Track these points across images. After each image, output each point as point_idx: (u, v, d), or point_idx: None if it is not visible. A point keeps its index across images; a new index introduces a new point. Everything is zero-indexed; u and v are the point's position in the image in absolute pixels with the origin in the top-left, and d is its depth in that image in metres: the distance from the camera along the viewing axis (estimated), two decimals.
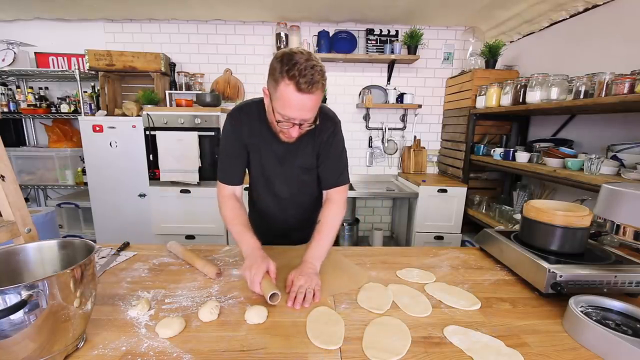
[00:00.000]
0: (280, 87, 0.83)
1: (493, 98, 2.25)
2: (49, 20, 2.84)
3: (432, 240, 2.62)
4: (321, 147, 1.08)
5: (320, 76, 0.83)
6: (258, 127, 1.05)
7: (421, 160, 3.07)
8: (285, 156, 1.08)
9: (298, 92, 0.81)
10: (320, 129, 1.03)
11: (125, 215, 2.65)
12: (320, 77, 0.83)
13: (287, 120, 0.88)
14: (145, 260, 1.04)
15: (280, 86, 0.83)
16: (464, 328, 0.70)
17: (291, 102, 0.84)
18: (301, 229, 1.19)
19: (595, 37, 1.94)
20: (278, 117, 0.89)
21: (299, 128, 0.91)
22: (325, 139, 1.06)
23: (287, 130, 0.92)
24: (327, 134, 1.06)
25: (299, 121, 0.89)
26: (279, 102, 0.86)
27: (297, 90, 0.81)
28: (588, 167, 1.56)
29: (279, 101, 0.86)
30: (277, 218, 1.20)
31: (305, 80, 0.80)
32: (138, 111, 2.57)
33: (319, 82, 0.83)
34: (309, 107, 0.86)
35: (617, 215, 0.77)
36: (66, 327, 0.56)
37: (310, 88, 0.81)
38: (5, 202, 0.82)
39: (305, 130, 0.93)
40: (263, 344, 0.65)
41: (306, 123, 0.90)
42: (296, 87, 0.81)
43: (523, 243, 0.97)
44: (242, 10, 2.64)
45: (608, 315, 0.71)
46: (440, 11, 2.60)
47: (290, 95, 0.82)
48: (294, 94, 0.82)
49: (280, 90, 0.83)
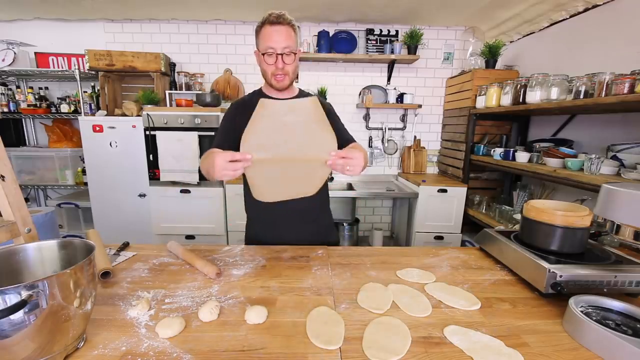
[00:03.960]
0: (260, 32, 1.10)
1: (493, 98, 2.25)
2: (49, 20, 2.84)
3: (432, 240, 2.62)
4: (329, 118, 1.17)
5: (287, 15, 1.08)
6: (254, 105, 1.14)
7: (421, 160, 3.07)
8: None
9: (270, 25, 1.07)
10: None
11: (125, 215, 2.65)
12: (288, 17, 1.08)
13: (270, 54, 1.08)
14: (145, 260, 1.04)
15: (260, 32, 1.10)
16: (464, 328, 0.70)
17: (268, 33, 1.07)
18: (305, 222, 1.24)
19: (595, 37, 1.94)
20: (264, 53, 1.09)
21: (282, 60, 1.09)
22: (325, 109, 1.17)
23: (274, 66, 1.10)
24: (323, 105, 1.17)
25: (280, 50, 1.08)
26: (261, 42, 1.10)
27: (269, 24, 1.07)
28: (588, 167, 1.56)
29: (261, 42, 1.10)
30: (279, 211, 1.21)
31: (274, 15, 1.07)
32: (138, 111, 2.57)
33: (287, 17, 1.07)
34: (283, 35, 1.07)
35: (616, 215, 0.77)
36: (66, 327, 0.56)
37: (279, 19, 1.06)
38: (5, 202, 0.82)
39: (288, 64, 1.11)
40: (263, 344, 0.65)
41: (286, 53, 1.09)
42: (268, 23, 1.07)
43: (523, 243, 0.97)
44: (242, 10, 2.64)
45: (608, 315, 0.71)
46: (440, 11, 2.60)
47: (266, 30, 1.08)
48: (267, 28, 1.08)
49: (261, 34, 1.10)
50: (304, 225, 1.26)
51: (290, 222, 1.25)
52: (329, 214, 1.38)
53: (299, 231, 1.24)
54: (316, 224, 1.30)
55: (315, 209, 1.29)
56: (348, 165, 0.95)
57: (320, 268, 1.00)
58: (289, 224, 1.25)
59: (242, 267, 0.99)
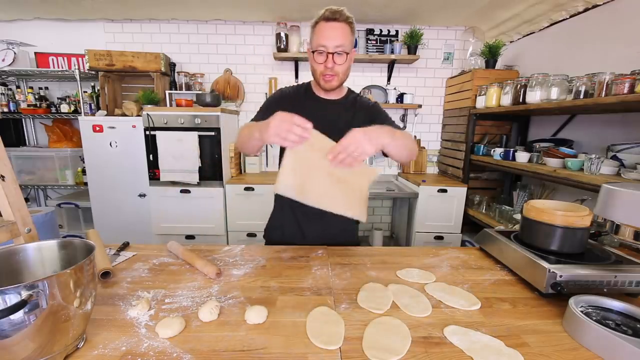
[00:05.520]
0: (314, 29, 1.05)
1: (493, 98, 2.25)
2: (49, 20, 2.84)
3: (432, 240, 2.62)
4: (371, 117, 1.19)
5: (345, 12, 1.02)
6: (300, 100, 1.18)
7: (421, 160, 3.07)
8: (323, 125, 1.11)
9: (325, 22, 1.02)
10: (360, 100, 1.24)
11: (125, 215, 2.65)
12: (346, 13, 1.03)
13: (321, 52, 1.04)
14: (145, 260, 1.04)
15: (314, 28, 1.05)
16: (464, 328, 0.70)
17: (321, 30, 1.03)
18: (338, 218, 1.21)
19: (595, 37, 1.94)
20: (315, 50, 1.05)
21: (332, 59, 1.04)
22: (370, 107, 1.23)
23: (324, 65, 1.05)
24: (368, 104, 1.24)
25: (332, 49, 1.02)
26: (314, 39, 1.06)
27: (324, 20, 1.02)
28: (588, 167, 1.56)
29: (314, 39, 1.06)
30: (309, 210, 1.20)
31: (331, 11, 1.02)
32: (138, 111, 2.57)
33: (344, 14, 1.02)
34: (337, 33, 1.02)
35: (616, 215, 0.77)
36: (66, 327, 0.56)
37: (335, 15, 1.01)
38: (5, 202, 0.82)
39: (338, 65, 1.06)
40: (263, 344, 0.65)
41: (337, 52, 1.03)
42: (324, 18, 1.02)
43: (523, 243, 0.97)
44: (242, 10, 2.64)
45: (608, 315, 0.71)
46: (440, 11, 2.60)
47: (320, 26, 1.03)
48: (322, 24, 1.03)
49: (314, 30, 1.05)
50: (328, 228, 1.23)
51: (316, 223, 1.22)
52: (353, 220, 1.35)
53: (324, 233, 1.22)
54: (343, 225, 1.26)
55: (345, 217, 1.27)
56: (349, 150, 0.86)
57: (320, 268, 0.99)
58: (315, 224, 1.22)
59: (242, 267, 0.99)
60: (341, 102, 1.21)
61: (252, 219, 2.56)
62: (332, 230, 1.24)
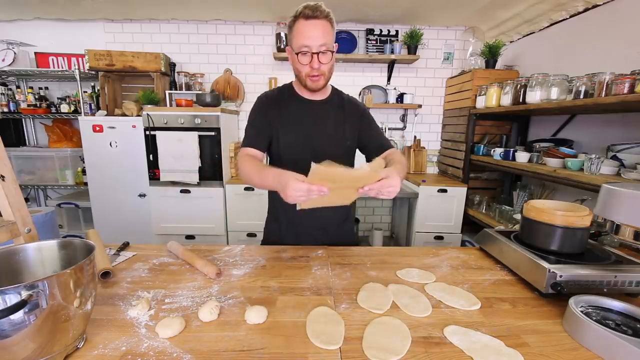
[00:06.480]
0: (293, 28, 1.00)
1: (493, 98, 2.25)
2: (49, 20, 2.84)
3: (432, 240, 2.63)
4: (362, 122, 1.18)
5: (323, 7, 0.97)
6: (285, 103, 1.14)
7: (421, 160, 3.07)
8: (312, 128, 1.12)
9: (305, 20, 0.97)
10: (349, 101, 1.20)
11: (125, 215, 2.65)
12: (325, 9, 0.97)
13: (305, 52, 0.99)
14: (145, 260, 1.04)
15: (293, 27, 1.00)
16: (464, 328, 0.70)
17: (301, 29, 0.98)
18: (336, 219, 1.23)
19: (595, 37, 1.94)
20: (298, 52, 1.00)
21: (318, 59, 1.00)
22: (361, 111, 1.19)
23: (310, 66, 1.01)
24: (359, 108, 1.20)
25: (316, 49, 0.98)
26: (294, 40, 1.00)
27: (304, 18, 0.97)
28: (588, 167, 1.56)
29: (294, 39, 1.00)
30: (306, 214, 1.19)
31: (310, 8, 0.96)
32: (138, 111, 2.57)
33: (324, 10, 0.97)
34: (319, 31, 0.97)
35: (616, 215, 0.77)
36: (66, 327, 0.56)
37: (315, 12, 0.96)
38: (5, 202, 0.82)
39: (324, 64, 1.01)
40: (263, 344, 0.65)
41: (322, 52, 0.99)
42: (303, 17, 0.97)
43: (523, 243, 0.97)
44: (242, 10, 2.64)
45: (608, 315, 0.71)
46: (440, 11, 2.60)
47: (300, 25, 0.98)
48: (302, 22, 0.97)
49: (293, 30, 1.00)
50: (328, 230, 1.24)
51: (315, 227, 1.22)
52: (351, 219, 1.36)
53: (323, 235, 1.22)
54: (341, 228, 1.28)
55: (342, 216, 1.27)
56: (383, 190, 0.87)
57: (320, 268, 0.99)
58: (313, 227, 1.22)
59: (242, 267, 0.99)
60: (328, 102, 1.18)
61: (252, 219, 2.56)
62: (329, 229, 1.24)
